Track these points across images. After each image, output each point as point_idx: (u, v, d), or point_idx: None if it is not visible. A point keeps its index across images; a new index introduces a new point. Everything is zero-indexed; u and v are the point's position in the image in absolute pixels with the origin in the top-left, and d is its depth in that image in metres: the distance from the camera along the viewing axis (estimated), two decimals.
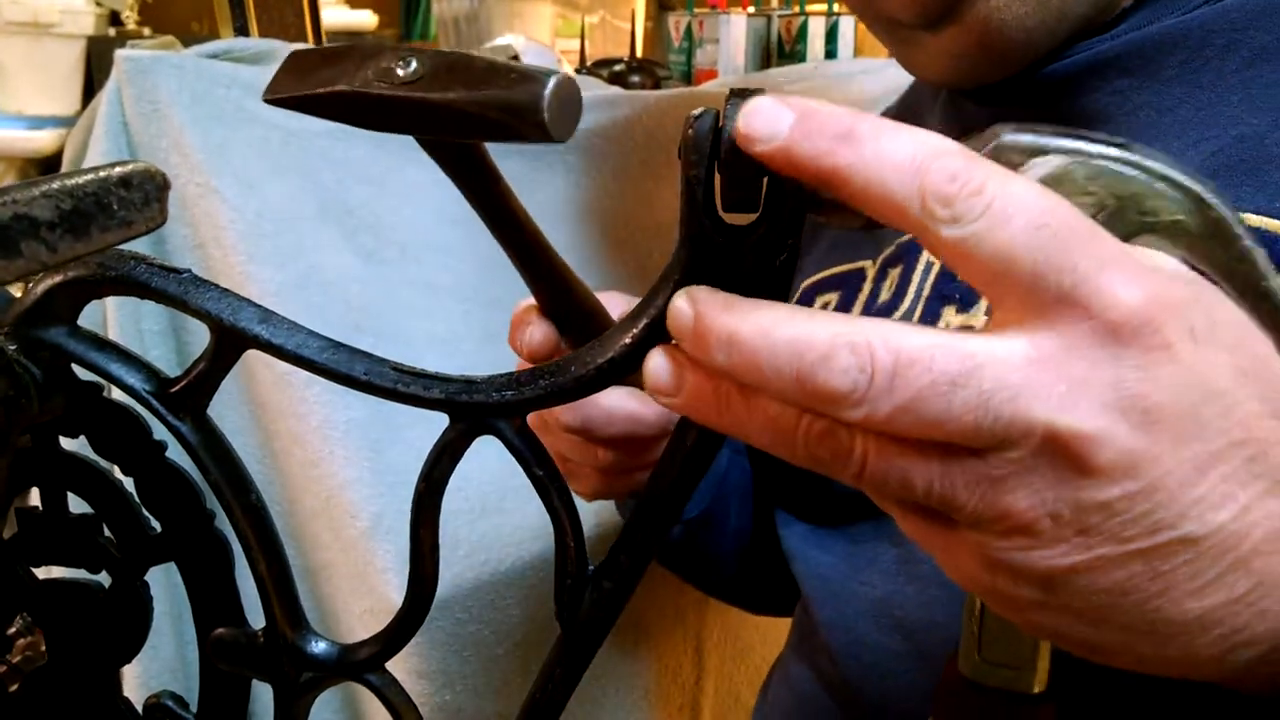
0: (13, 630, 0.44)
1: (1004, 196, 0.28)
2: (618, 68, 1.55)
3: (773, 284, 0.31)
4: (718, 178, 0.30)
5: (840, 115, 0.28)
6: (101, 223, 0.28)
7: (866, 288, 0.67)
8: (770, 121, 0.28)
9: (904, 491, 0.30)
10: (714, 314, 0.29)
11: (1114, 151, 0.30)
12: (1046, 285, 0.28)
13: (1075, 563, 0.29)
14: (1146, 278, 0.28)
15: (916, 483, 0.29)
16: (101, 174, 0.29)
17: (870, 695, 0.60)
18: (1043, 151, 0.30)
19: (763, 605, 0.88)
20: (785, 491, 0.72)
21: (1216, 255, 0.31)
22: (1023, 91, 0.60)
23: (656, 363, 0.31)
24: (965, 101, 0.65)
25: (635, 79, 1.50)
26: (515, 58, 1.33)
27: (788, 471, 0.70)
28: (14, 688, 0.44)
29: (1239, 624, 0.30)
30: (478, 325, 1.06)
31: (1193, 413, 0.28)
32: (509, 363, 1.11)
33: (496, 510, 0.98)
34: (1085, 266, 0.28)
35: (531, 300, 0.54)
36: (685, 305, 0.30)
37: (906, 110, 0.78)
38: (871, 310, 0.65)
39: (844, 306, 0.68)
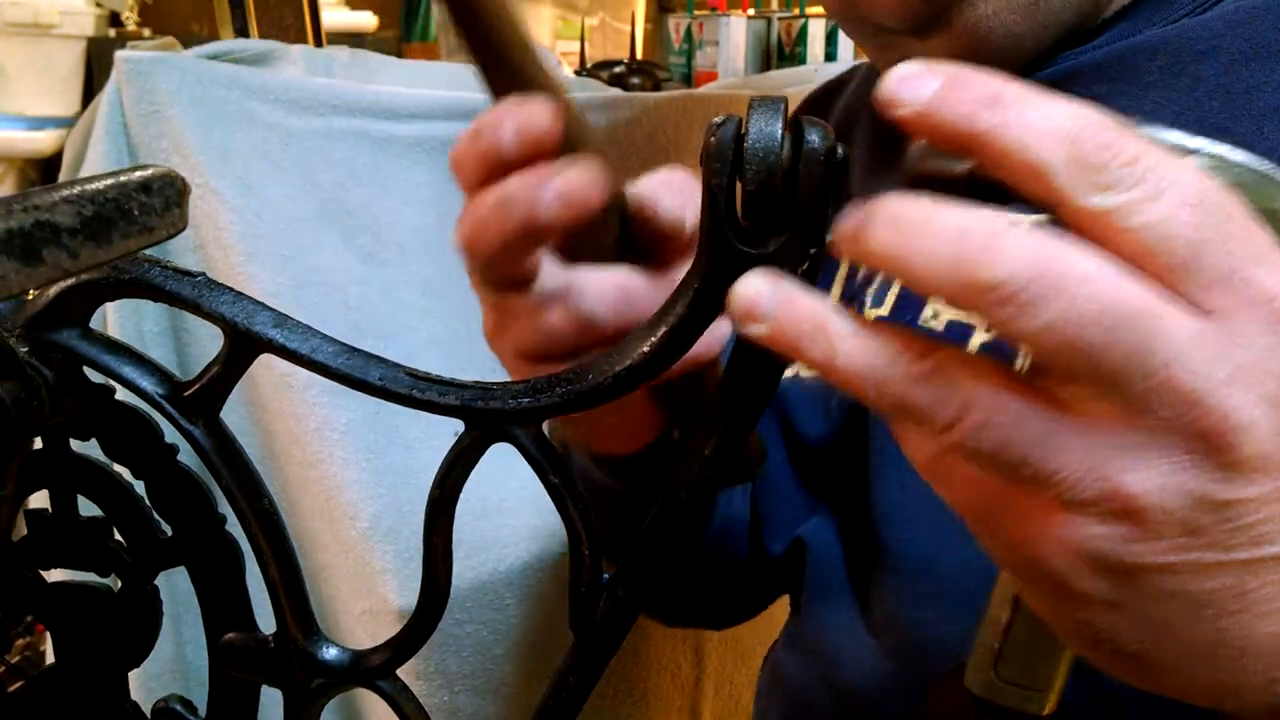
0: (12, 630, 0.44)
1: (1159, 170, 0.26)
2: (617, 70, 1.55)
3: None
4: (739, 186, 0.30)
5: (987, 80, 0.27)
6: (123, 229, 0.27)
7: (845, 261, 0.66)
8: (916, 86, 0.27)
9: (997, 453, 0.27)
10: (881, 200, 0.28)
11: (1259, 165, 0.29)
12: (1203, 265, 0.26)
13: (1169, 563, 0.27)
14: None
15: (1017, 444, 0.27)
16: (121, 179, 0.28)
17: (860, 694, 0.60)
18: (1188, 152, 0.29)
19: (743, 609, 0.83)
20: (775, 474, 0.70)
21: None
22: None
23: (755, 283, 0.29)
24: None
25: (635, 81, 1.51)
26: None
27: (781, 454, 0.70)
28: (14, 688, 0.44)
29: None
30: (477, 326, 1.06)
31: None
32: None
33: (496, 511, 0.98)
34: (1243, 253, 0.26)
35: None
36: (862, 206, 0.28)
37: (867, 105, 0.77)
38: (854, 284, 0.64)
39: (822, 283, 0.67)
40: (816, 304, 0.29)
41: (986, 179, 0.28)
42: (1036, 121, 0.27)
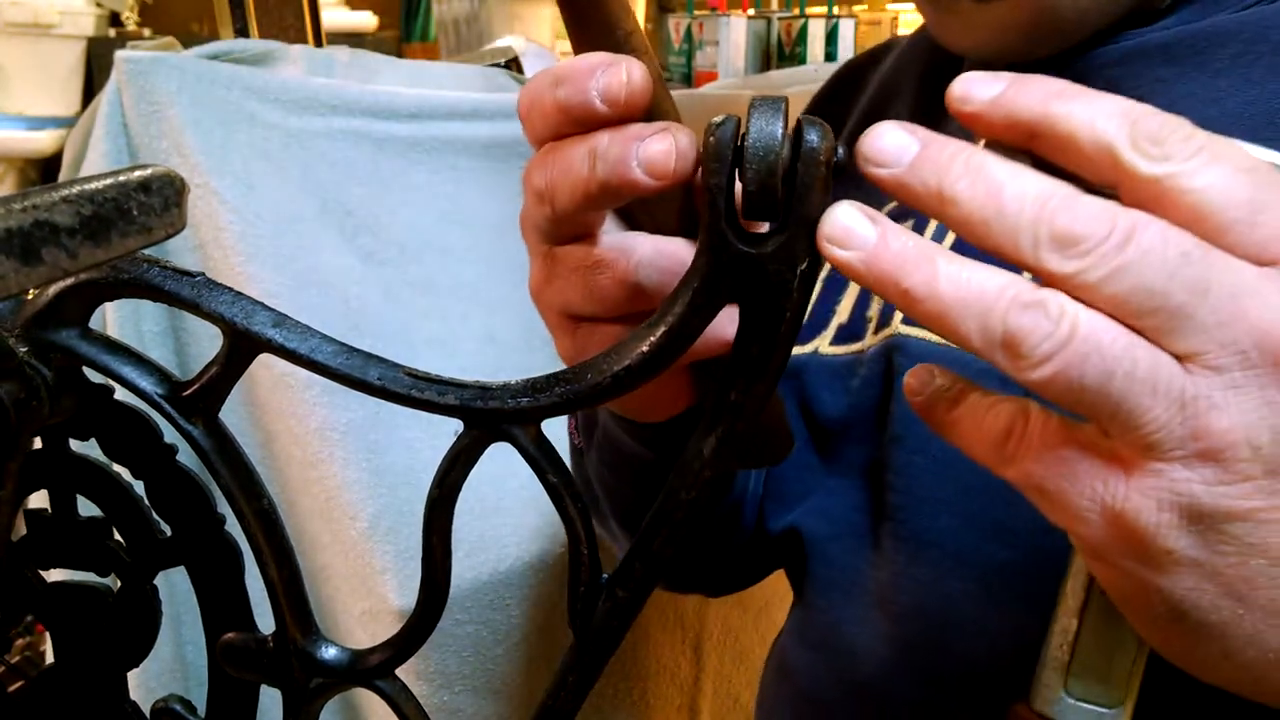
0: (11, 630, 0.44)
1: (1213, 143, 0.29)
2: None
3: (796, 291, 0.31)
4: (738, 185, 0.30)
5: (1049, 79, 0.30)
6: (121, 229, 0.27)
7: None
8: (985, 85, 0.30)
9: (1097, 386, 0.28)
10: (959, 146, 0.30)
11: None
12: (1263, 220, 0.28)
13: (1255, 507, 0.28)
14: None
15: (1117, 378, 0.28)
16: (120, 179, 0.28)
17: (877, 685, 0.59)
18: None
19: (744, 577, 0.81)
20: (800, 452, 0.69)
21: None
22: (1062, 73, 0.59)
23: (848, 211, 0.30)
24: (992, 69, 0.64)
25: None
26: (515, 60, 1.32)
27: (807, 428, 0.69)
28: (13, 688, 0.44)
29: None
30: (477, 326, 1.06)
31: None
32: (508, 364, 1.11)
33: (495, 511, 0.98)
34: None
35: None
36: (901, 130, 0.30)
37: (915, 61, 0.76)
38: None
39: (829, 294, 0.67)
40: (908, 234, 0.30)
41: (1046, 165, 0.30)
42: (1099, 106, 0.29)
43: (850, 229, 0.30)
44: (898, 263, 0.29)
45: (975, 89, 0.30)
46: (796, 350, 0.65)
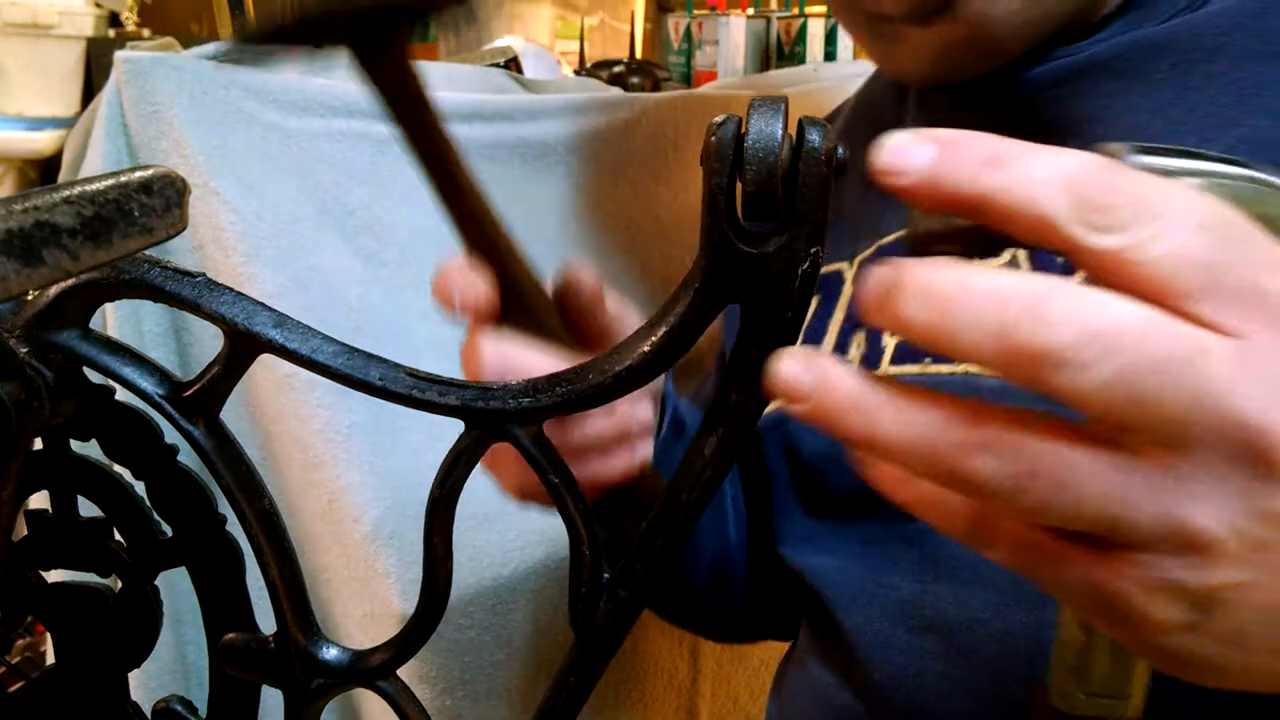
0: (13, 631, 0.44)
1: (1162, 202, 0.27)
2: (617, 69, 1.55)
3: (796, 294, 0.31)
4: (739, 186, 0.30)
5: (983, 140, 0.28)
6: (123, 229, 0.27)
7: (847, 290, 0.67)
8: (913, 154, 0.28)
9: (1071, 513, 0.27)
10: (909, 268, 0.28)
11: (1248, 173, 0.29)
12: (1222, 286, 0.26)
13: (1243, 581, 0.28)
14: None
15: (1089, 501, 0.27)
16: (121, 179, 0.28)
17: (904, 698, 0.59)
18: (1177, 174, 0.29)
19: (743, 632, 0.85)
20: (779, 497, 0.71)
21: None
22: (1006, 93, 0.60)
23: (791, 365, 0.29)
24: (938, 102, 0.65)
25: (635, 81, 1.50)
26: (515, 59, 1.32)
27: (784, 476, 0.70)
28: (14, 688, 0.44)
29: None
30: None
31: None
32: None
33: (499, 516, 0.98)
34: (1258, 267, 0.27)
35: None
36: (887, 269, 0.28)
37: (864, 114, 0.77)
38: (853, 315, 0.64)
39: (824, 311, 0.67)
40: (851, 380, 0.29)
41: (986, 233, 0.29)
42: (1037, 174, 0.27)
43: (793, 382, 0.29)
44: (839, 412, 0.29)
45: (900, 160, 0.28)
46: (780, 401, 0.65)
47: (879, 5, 0.58)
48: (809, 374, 0.29)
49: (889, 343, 0.62)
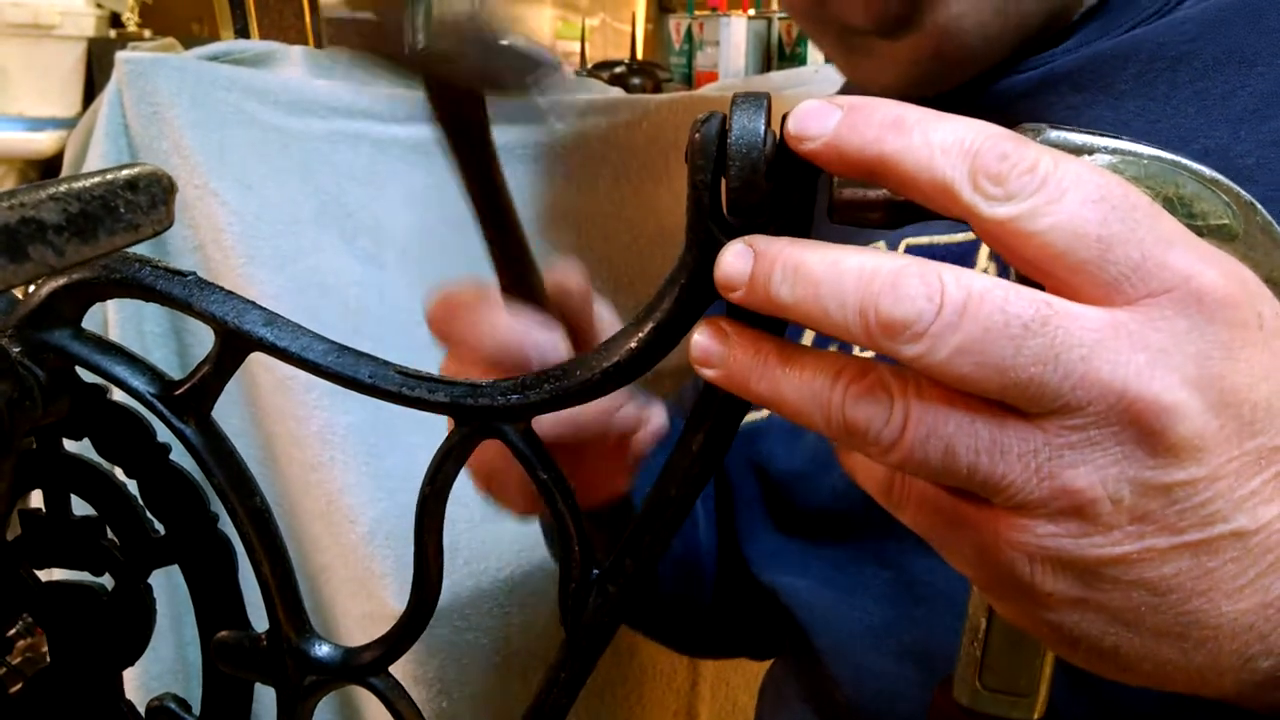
0: (12, 631, 0.44)
1: (1058, 173, 0.27)
2: (618, 70, 1.55)
3: None
4: (723, 182, 0.30)
5: (887, 105, 0.28)
6: (109, 226, 0.28)
7: None
8: (819, 118, 0.28)
9: (944, 464, 0.28)
10: (777, 247, 0.29)
11: (1164, 154, 0.30)
12: (1113, 258, 0.27)
13: (1125, 553, 0.28)
14: (1218, 257, 0.28)
15: (961, 453, 0.28)
16: (108, 177, 0.29)
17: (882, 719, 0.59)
18: (1089, 151, 0.30)
19: (712, 645, 0.84)
20: (747, 511, 0.70)
21: (1260, 261, 0.31)
22: (975, 105, 0.60)
23: (701, 335, 0.31)
24: None
25: (636, 81, 1.51)
26: None
27: (752, 490, 0.69)
28: (15, 689, 0.44)
29: (1266, 629, 0.29)
30: None
31: (1265, 403, 0.28)
32: None
33: (494, 519, 0.98)
34: (1153, 240, 0.27)
35: (473, 283, 0.55)
36: (741, 247, 0.29)
37: None
38: None
39: None
40: (758, 343, 0.30)
41: (903, 200, 0.29)
42: (937, 140, 0.28)
43: (706, 349, 0.31)
44: (744, 374, 0.30)
45: (810, 124, 0.29)
46: (752, 416, 0.66)
47: (848, 17, 0.58)
48: (717, 344, 0.31)
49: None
